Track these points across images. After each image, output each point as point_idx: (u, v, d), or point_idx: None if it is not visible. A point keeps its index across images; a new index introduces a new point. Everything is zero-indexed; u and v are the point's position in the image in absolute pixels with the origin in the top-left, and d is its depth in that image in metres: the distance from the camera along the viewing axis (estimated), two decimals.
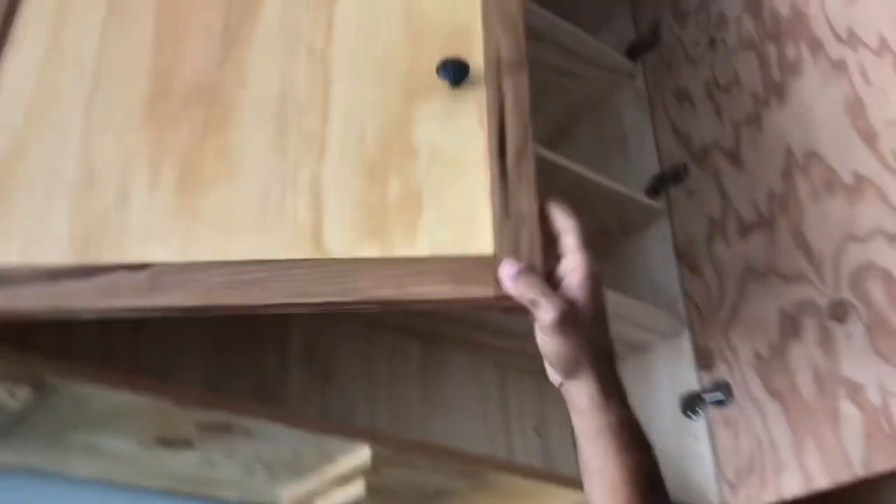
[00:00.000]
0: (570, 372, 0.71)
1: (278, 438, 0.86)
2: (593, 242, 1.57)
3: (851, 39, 1.20)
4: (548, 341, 0.71)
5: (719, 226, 1.32)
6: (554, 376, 0.75)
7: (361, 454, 0.90)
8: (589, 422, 0.71)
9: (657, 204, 1.41)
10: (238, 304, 0.68)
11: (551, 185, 1.32)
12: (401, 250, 0.73)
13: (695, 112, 1.43)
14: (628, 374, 1.36)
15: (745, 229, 1.27)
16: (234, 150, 0.76)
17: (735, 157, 1.33)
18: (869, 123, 1.14)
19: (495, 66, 0.84)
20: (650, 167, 1.47)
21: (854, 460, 1.04)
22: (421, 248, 0.74)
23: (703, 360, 1.27)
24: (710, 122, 1.40)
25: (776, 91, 1.29)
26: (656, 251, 1.40)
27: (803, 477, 1.09)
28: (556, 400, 0.78)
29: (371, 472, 0.92)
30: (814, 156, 1.20)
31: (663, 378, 1.31)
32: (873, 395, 1.04)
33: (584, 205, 1.37)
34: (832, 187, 1.17)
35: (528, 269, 0.71)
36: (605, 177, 1.35)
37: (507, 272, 0.70)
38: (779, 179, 1.24)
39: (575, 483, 0.84)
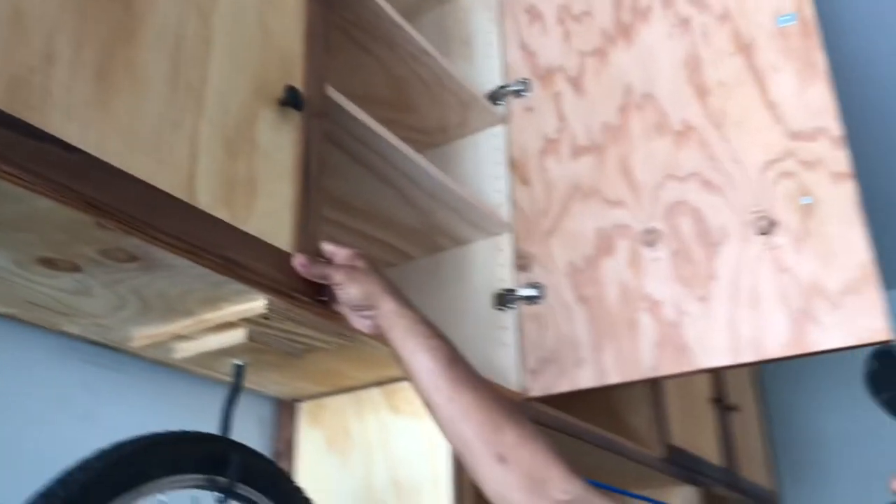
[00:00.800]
0: (372, 301, 0.92)
1: (184, 275, 0.82)
2: (432, 134, 1.60)
3: (699, 1, 1.36)
4: (347, 291, 0.92)
5: (553, 144, 1.43)
6: (363, 324, 0.94)
7: (256, 304, 0.89)
8: (399, 331, 0.90)
9: (499, 111, 1.49)
10: (139, 220, 0.75)
11: (404, 64, 1.36)
12: (240, 224, 0.86)
13: (545, 33, 1.52)
14: (447, 264, 1.46)
15: (577, 152, 1.40)
16: (140, 68, 0.79)
17: (577, 85, 1.44)
18: (703, 81, 1.31)
19: (309, 109, 0.99)
20: (492, 76, 1.55)
21: (645, 364, 1.23)
22: (251, 228, 0.87)
23: (521, 262, 1.40)
24: (558, 46, 1.49)
25: (624, 32, 1.42)
26: (489, 156, 1.49)
27: (598, 372, 1.26)
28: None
29: (258, 323, 0.92)
30: (650, 98, 1.35)
31: (481, 272, 1.42)
32: (669, 312, 1.23)
33: (431, 96, 1.43)
34: (662, 130, 1.32)
35: (313, 258, 0.93)
36: None
37: (300, 261, 0.92)
38: (615, 113, 1.38)
39: None
